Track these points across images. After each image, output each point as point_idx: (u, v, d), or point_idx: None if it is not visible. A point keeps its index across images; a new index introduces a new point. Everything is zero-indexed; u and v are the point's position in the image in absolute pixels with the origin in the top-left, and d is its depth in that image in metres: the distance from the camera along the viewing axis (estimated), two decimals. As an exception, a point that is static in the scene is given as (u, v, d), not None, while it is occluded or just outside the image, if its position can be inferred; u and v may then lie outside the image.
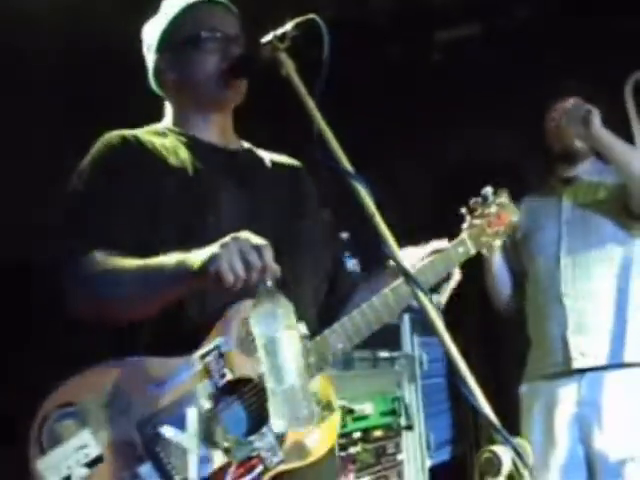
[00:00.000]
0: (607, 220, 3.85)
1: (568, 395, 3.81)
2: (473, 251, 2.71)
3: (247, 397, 2.17)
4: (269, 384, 1.97)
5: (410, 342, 4.43)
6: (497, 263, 4.01)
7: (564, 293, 3.84)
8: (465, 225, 2.78)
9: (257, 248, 1.99)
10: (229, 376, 2.14)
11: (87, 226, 2.23)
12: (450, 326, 1.89)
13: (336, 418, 2.30)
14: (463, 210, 2.80)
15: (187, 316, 2.20)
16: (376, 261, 2.47)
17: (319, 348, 2.26)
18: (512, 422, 3.80)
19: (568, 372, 3.81)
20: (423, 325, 4.38)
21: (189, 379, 2.12)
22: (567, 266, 3.87)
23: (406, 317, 4.40)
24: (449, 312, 2.41)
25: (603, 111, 3.76)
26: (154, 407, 2.08)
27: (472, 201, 2.82)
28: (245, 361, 2.16)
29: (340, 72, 2.07)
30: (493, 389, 2.28)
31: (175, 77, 2.46)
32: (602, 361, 3.75)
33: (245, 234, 2.02)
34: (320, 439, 2.25)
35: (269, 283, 1.98)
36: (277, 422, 1.98)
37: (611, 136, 3.72)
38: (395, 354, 4.29)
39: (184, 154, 2.37)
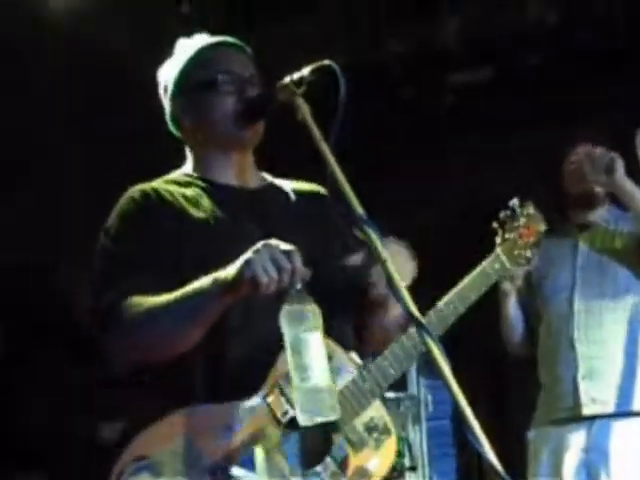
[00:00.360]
0: (623, 269, 3.86)
1: (577, 441, 3.78)
2: (508, 265, 2.73)
3: (310, 431, 2.19)
4: (294, 381, 2.02)
5: (416, 384, 4.43)
6: (512, 304, 3.99)
7: (576, 339, 3.83)
8: (498, 240, 2.81)
9: (287, 252, 2.06)
10: (291, 413, 2.18)
11: (119, 281, 2.26)
12: (456, 369, 1.91)
13: (393, 441, 2.33)
14: (494, 224, 2.84)
15: (234, 358, 2.24)
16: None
17: (373, 375, 2.32)
18: (518, 467, 3.79)
19: (577, 418, 3.78)
20: (430, 367, 4.38)
21: (254, 420, 2.17)
22: (580, 312, 3.86)
23: (412, 359, 4.39)
24: (456, 355, 2.42)
25: None
26: (224, 452, 2.13)
27: (502, 214, 2.85)
28: None
29: (353, 115, 2.10)
30: (499, 432, 2.30)
31: (192, 122, 2.47)
32: (612, 408, 3.73)
33: (274, 241, 2.09)
34: (380, 462, 2.29)
35: (299, 286, 2.05)
36: (302, 416, 2.03)
37: (633, 185, 3.74)
38: (400, 395, 4.30)
39: (205, 203, 2.39)
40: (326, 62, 2.12)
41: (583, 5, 4.79)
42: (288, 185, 2.58)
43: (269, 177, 2.60)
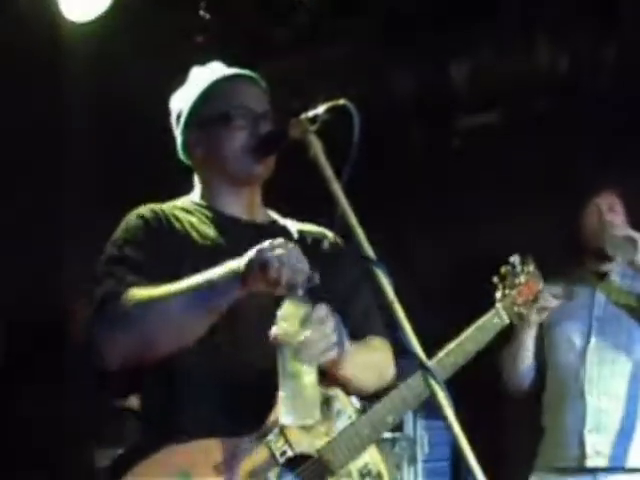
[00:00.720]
0: (637, 326, 3.85)
1: None
2: (507, 321, 2.79)
3: (306, 473, 2.21)
4: (281, 381, 2.06)
5: (412, 424, 4.42)
6: (530, 336, 3.92)
7: (587, 390, 3.82)
8: (498, 295, 2.83)
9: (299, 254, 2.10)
10: (289, 453, 2.19)
11: (120, 274, 2.26)
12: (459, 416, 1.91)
13: None
14: (495, 279, 2.85)
15: (230, 394, 2.23)
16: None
17: (372, 421, 2.33)
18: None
19: (580, 469, 3.78)
20: (427, 408, 4.36)
21: (252, 458, 2.16)
22: (593, 363, 3.84)
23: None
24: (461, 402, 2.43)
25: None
26: None
27: (503, 269, 2.87)
28: (304, 438, 2.22)
29: (362, 154, 2.10)
30: (499, 476, 2.29)
31: (204, 152, 2.48)
32: (617, 463, 3.72)
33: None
34: None
35: (300, 292, 2.07)
36: (286, 417, 2.07)
37: None
38: (396, 435, 4.28)
39: (210, 232, 2.40)
40: (341, 101, 2.12)
41: (593, 51, 4.81)
42: (293, 225, 2.59)
43: (275, 215, 2.61)
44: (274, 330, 2.09)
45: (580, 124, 4.85)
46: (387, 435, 4.17)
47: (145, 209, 2.41)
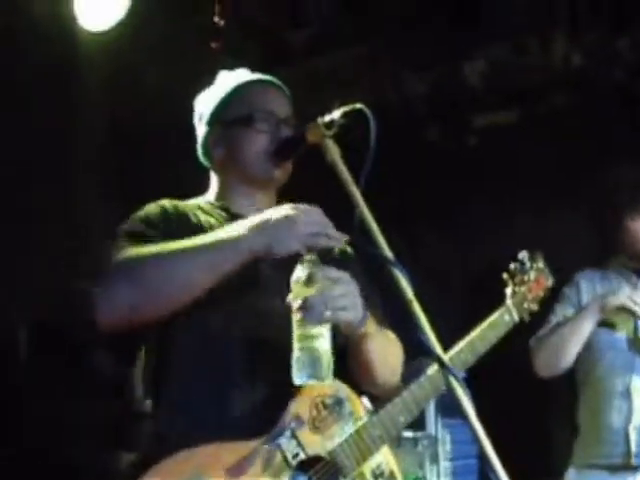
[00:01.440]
0: None
1: None
2: (517, 318, 2.80)
3: (319, 475, 2.22)
4: (294, 344, 2.07)
5: (434, 423, 4.43)
6: (590, 326, 3.88)
7: (634, 387, 3.81)
8: (508, 292, 2.83)
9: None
10: (302, 455, 2.19)
11: (125, 242, 2.25)
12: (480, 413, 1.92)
13: None
14: (505, 276, 2.85)
15: (235, 398, 2.23)
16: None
17: (383, 421, 2.34)
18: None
19: (625, 467, 3.77)
20: (448, 407, 4.38)
21: (265, 461, 2.15)
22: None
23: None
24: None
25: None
26: None
27: (512, 267, 2.88)
28: (316, 440, 2.22)
29: (379, 156, 2.12)
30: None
31: (224, 152, 2.50)
32: None
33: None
34: None
35: (313, 256, 2.11)
36: (296, 377, 2.08)
37: None
38: (418, 434, 4.30)
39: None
40: (358, 105, 2.14)
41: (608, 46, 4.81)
42: None
43: None
44: (289, 296, 2.11)
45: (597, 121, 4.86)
46: (409, 434, 4.20)
47: (165, 200, 2.42)
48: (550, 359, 3.96)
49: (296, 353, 2.08)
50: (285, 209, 2.17)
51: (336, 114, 2.18)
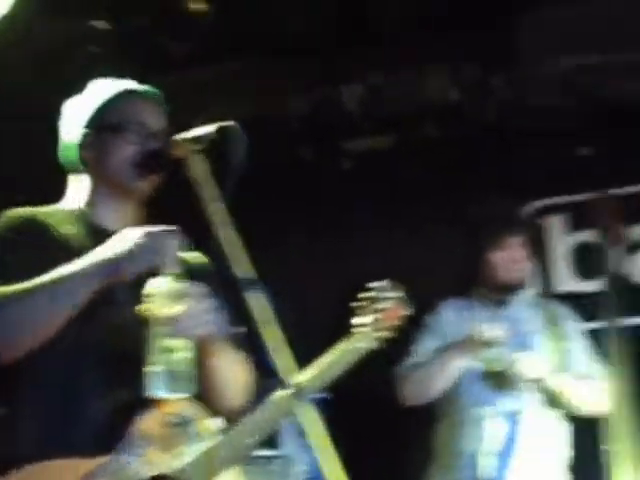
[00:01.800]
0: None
1: None
2: (367, 346, 2.81)
3: None
4: (153, 357, 2.08)
5: (292, 443, 4.44)
6: (463, 362, 4.00)
7: (487, 416, 3.95)
8: (357, 321, 2.87)
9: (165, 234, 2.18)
10: (147, 474, 2.16)
11: None
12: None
13: None
14: (355, 304, 2.89)
15: (87, 414, 2.20)
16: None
17: (232, 442, 2.33)
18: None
19: None
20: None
21: (110, 478, 2.11)
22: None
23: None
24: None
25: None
26: None
27: (362, 296, 2.91)
28: (164, 458, 2.20)
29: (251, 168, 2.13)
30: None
31: (95, 155, 2.47)
32: None
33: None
34: None
35: (177, 270, 2.13)
36: (158, 391, 2.09)
37: None
38: (273, 453, 4.30)
39: (85, 242, 2.36)
40: (231, 123, 2.16)
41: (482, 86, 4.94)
42: None
43: None
44: (145, 308, 2.12)
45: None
46: (263, 452, 4.19)
47: (16, 216, 2.37)
48: (417, 391, 4.07)
49: (155, 367, 2.07)
50: (133, 235, 2.19)
51: (209, 129, 2.19)
